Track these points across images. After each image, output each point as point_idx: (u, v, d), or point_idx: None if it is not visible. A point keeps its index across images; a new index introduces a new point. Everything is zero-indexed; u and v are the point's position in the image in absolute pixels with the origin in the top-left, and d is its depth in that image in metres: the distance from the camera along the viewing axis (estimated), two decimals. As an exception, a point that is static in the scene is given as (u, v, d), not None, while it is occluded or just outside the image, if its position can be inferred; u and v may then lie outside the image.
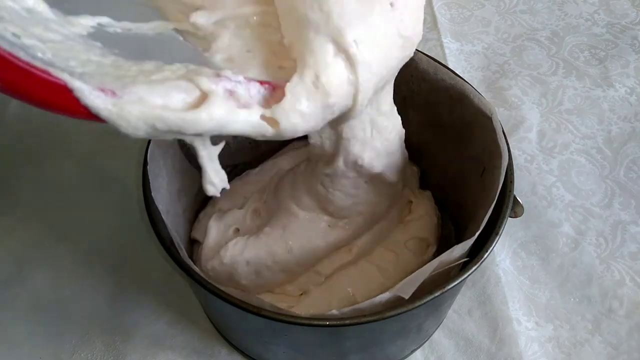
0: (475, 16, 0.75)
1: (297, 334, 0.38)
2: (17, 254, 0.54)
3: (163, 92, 0.24)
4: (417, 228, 0.48)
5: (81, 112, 0.22)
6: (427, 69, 0.46)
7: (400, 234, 0.48)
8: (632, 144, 0.62)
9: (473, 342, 0.49)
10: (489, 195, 0.39)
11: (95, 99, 0.22)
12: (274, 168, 0.52)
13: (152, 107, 0.24)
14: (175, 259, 0.36)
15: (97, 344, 0.48)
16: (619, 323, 0.50)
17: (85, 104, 0.22)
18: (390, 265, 0.46)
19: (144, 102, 0.23)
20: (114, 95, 0.23)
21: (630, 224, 0.56)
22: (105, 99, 0.22)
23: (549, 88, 0.67)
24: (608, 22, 0.74)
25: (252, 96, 0.27)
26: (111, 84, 0.23)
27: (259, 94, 0.27)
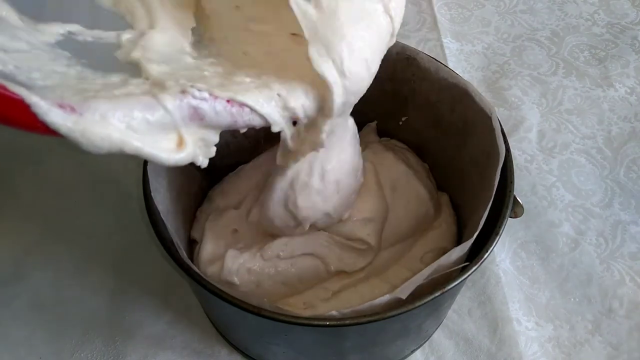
0: (475, 16, 0.75)
1: (297, 334, 0.38)
2: (17, 254, 0.54)
3: (125, 109, 0.23)
4: (437, 238, 0.48)
5: (39, 127, 0.22)
6: (428, 67, 0.45)
7: (419, 247, 0.47)
8: (632, 144, 0.62)
9: (473, 342, 0.49)
10: (487, 195, 0.39)
11: (53, 115, 0.22)
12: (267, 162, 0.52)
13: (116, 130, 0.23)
14: (176, 259, 0.36)
15: (97, 344, 0.48)
16: (619, 323, 0.50)
17: (43, 121, 0.21)
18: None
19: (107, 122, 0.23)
20: (73, 111, 0.22)
21: (630, 224, 0.56)
22: (65, 115, 0.22)
23: (549, 88, 0.67)
24: (608, 22, 0.74)
25: (218, 112, 0.26)
26: (71, 98, 0.22)
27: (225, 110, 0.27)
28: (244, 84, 0.28)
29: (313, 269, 0.44)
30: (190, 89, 0.26)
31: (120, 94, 0.24)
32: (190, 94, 0.26)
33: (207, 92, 0.26)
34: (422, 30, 0.73)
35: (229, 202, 0.50)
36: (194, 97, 0.26)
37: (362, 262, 0.45)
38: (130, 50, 0.28)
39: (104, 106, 0.23)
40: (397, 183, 0.48)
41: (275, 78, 0.29)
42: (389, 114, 0.52)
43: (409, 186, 0.48)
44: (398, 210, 0.47)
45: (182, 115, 0.25)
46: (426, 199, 0.48)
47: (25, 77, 0.23)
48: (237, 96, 0.27)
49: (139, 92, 0.25)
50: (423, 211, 0.47)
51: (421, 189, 0.48)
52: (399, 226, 0.47)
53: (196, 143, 0.27)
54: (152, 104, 0.24)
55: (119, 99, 0.24)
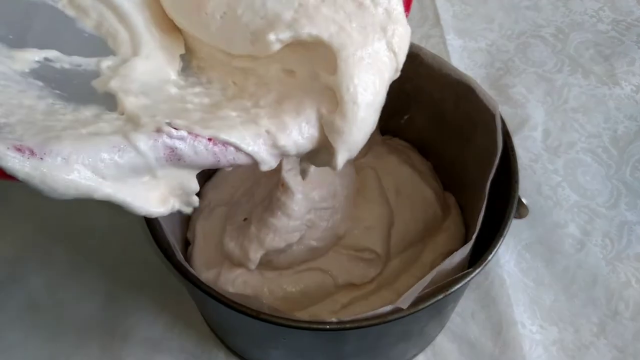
0: (478, 12, 0.74)
1: (297, 337, 0.37)
2: (12, 256, 0.53)
3: (91, 151, 0.22)
4: (446, 241, 0.47)
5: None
6: (432, 64, 0.45)
7: (429, 252, 0.47)
8: (638, 143, 0.61)
9: (476, 345, 0.48)
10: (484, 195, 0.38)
11: (10, 160, 0.20)
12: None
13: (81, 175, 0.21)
14: (172, 261, 0.35)
15: (93, 347, 0.48)
16: (625, 326, 0.49)
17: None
18: None
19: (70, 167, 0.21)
20: (32, 154, 0.20)
21: (637, 225, 0.55)
22: (22, 160, 0.20)
23: (554, 86, 0.66)
24: (613, 19, 0.73)
25: (198, 152, 0.24)
26: (32, 139, 0.21)
27: (207, 149, 0.24)
28: (229, 119, 0.26)
29: (319, 283, 0.44)
30: (167, 128, 0.24)
31: (88, 132, 0.22)
32: (166, 132, 0.23)
33: (185, 130, 0.24)
34: (425, 27, 0.72)
35: (220, 197, 0.49)
36: (170, 136, 0.24)
37: (372, 272, 0.44)
38: (109, 79, 0.26)
39: (67, 148, 0.21)
40: (401, 187, 0.47)
41: (265, 112, 0.27)
42: (392, 111, 0.51)
43: (414, 189, 0.48)
44: (404, 214, 0.46)
45: (156, 156, 0.23)
46: (433, 201, 0.47)
47: None
48: (220, 134, 0.25)
49: (109, 130, 0.23)
50: (431, 213, 0.47)
51: (427, 191, 0.47)
52: (407, 231, 0.46)
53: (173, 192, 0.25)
54: (122, 144, 0.22)
55: (85, 139, 0.22)
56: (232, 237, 0.43)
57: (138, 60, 0.27)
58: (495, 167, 0.38)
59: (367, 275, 0.44)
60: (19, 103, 0.23)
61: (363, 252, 0.44)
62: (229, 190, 0.49)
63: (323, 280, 0.44)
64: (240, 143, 0.25)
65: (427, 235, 0.47)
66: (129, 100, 0.25)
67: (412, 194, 0.47)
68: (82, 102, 0.25)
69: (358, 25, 0.27)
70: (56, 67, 0.26)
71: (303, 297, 0.43)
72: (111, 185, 0.23)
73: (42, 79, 0.25)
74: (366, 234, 0.44)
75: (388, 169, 0.48)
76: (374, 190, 0.46)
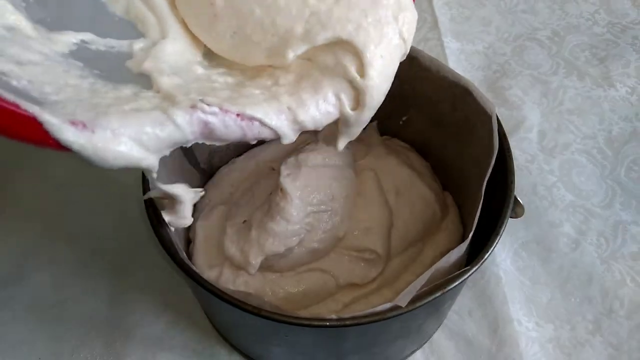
0: (475, 16, 0.75)
1: (298, 334, 0.37)
2: (16, 254, 0.54)
3: (136, 125, 0.24)
4: (445, 240, 0.47)
5: (52, 144, 0.22)
6: (429, 67, 0.45)
7: (429, 250, 0.47)
8: (633, 144, 0.62)
9: (473, 342, 0.49)
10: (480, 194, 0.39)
11: (66, 133, 0.22)
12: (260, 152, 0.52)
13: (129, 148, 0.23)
14: (175, 259, 0.36)
15: (97, 345, 0.48)
16: (620, 323, 0.50)
17: (55, 138, 0.22)
18: None
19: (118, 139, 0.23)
20: (84, 128, 0.22)
21: (631, 224, 0.55)
22: (76, 133, 0.22)
23: (550, 88, 0.67)
24: (609, 22, 0.74)
25: (228, 126, 0.26)
26: (84, 114, 0.22)
27: (235, 124, 0.27)
28: (253, 96, 0.28)
29: (321, 284, 0.44)
30: (200, 104, 0.26)
31: (131, 108, 0.24)
32: (200, 108, 0.25)
33: (217, 106, 0.26)
34: (423, 30, 0.73)
35: (220, 196, 0.49)
36: (203, 111, 0.26)
37: (374, 272, 0.44)
38: (142, 60, 0.28)
39: (115, 123, 0.23)
40: (401, 187, 0.48)
41: (284, 90, 0.29)
42: (390, 113, 0.52)
43: (414, 189, 0.48)
44: (404, 214, 0.47)
45: (192, 130, 0.25)
46: (432, 201, 0.48)
47: (38, 92, 0.23)
48: (247, 110, 0.27)
49: (149, 106, 0.25)
50: (430, 213, 0.47)
51: (426, 191, 0.48)
52: (407, 231, 0.46)
53: None
54: (162, 119, 0.24)
55: (129, 114, 0.24)
56: (233, 241, 0.44)
57: (167, 43, 0.29)
58: (491, 168, 0.39)
59: (368, 276, 0.44)
60: (65, 82, 0.24)
61: (364, 253, 0.44)
62: (229, 189, 0.50)
63: (324, 281, 0.44)
64: (265, 118, 0.27)
65: (426, 235, 0.47)
66: (163, 80, 0.27)
67: (411, 194, 0.48)
68: (120, 82, 0.26)
69: (373, 19, 0.29)
70: (92, 49, 0.28)
71: (304, 298, 0.44)
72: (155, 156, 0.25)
73: (81, 59, 0.26)
74: (366, 234, 0.45)
75: (387, 170, 0.49)
76: (373, 191, 0.47)
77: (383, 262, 0.45)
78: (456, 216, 0.49)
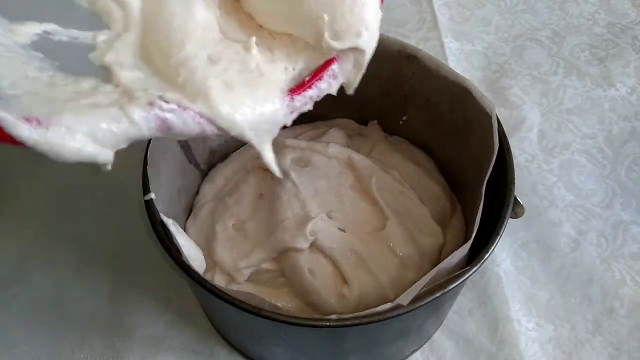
0: (475, 16, 0.75)
1: (297, 334, 0.37)
2: (16, 254, 0.54)
3: (92, 121, 0.24)
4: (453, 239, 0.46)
5: (7, 139, 0.22)
6: (429, 66, 0.45)
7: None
8: (632, 143, 0.62)
9: (473, 342, 0.49)
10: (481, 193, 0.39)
11: (20, 129, 0.22)
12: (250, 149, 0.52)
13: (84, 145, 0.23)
14: (175, 259, 0.36)
15: (96, 345, 0.48)
16: (620, 323, 0.50)
17: (9, 134, 0.22)
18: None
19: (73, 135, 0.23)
20: (39, 124, 0.22)
21: (631, 224, 0.55)
22: (31, 129, 0.22)
23: (550, 88, 0.67)
24: (609, 22, 0.74)
25: (186, 123, 0.26)
26: (39, 110, 0.23)
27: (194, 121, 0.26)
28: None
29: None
30: (158, 101, 0.25)
31: (88, 104, 0.24)
32: (158, 106, 0.25)
33: (175, 103, 0.26)
34: (422, 30, 0.73)
35: (212, 191, 0.49)
36: (161, 109, 0.25)
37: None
38: (105, 52, 0.28)
39: (70, 119, 0.23)
40: (408, 183, 0.48)
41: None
42: (389, 113, 0.52)
43: (422, 184, 0.48)
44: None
45: (149, 126, 0.25)
46: (441, 196, 0.47)
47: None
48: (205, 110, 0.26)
49: (106, 102, 0.25)
50: (440, 208, 0.47)
51: (434, 186, 0.48)
52: None
53: None
54: (118, 116, 0.24)
55: (85, 110, 0.24)
56: (224, 248, 0.43)
57: (130, 35, 0.29)
58: (491, 168, 0.39)
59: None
60: (24, 74, 0.24)
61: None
62: (222, 181, 0.49)
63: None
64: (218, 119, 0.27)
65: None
66: (123, 74, 0.27)
67: (419, 189, 0.47)
68: (80, 74, 0.26)
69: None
70: (54, 40, 0.27)
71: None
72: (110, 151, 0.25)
73: (42, 50, 0.26)
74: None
75: (393, 166, 0.49)
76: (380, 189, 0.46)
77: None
78: (461, 214, 0.49)
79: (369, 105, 0.51)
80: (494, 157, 0.39)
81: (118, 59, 0.27)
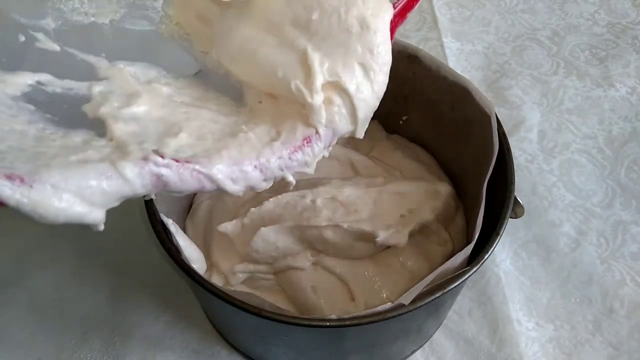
0: (475, 16, 0.75)
1: (298, 334, 0.37)
2: (16, 254, 0.54)
3: (80, 179, 0.22)
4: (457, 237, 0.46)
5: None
6: (429, 66, 0.45)
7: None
8: (632, 143, 0.62)
9: (473, 342, 0.49)
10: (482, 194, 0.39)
11: (1, 187, 0.20)
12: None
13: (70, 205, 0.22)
14: (175, 259, 0.36)
15: (96, 345, 0.48)
16: (620, 323, 0.50)
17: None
18: None
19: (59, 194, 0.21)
20: (22, 182, 0.21)
21: (631, 224, 0.55)
22: (13, 188, 0.20)
23: (550, 88, 0.67)
24: (609, 22, 0.74)
25: (184, 179, 0.25)
26: (23, 167, 0.21)
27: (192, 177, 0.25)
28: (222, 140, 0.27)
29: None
30: (153, 156, 0.24)
31: (77, 160, 0.23)
32: (153, 161, 0.24)
33: (172, 158, 0.24)
34: (423, 30, 0.73)
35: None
36: (156, 164, 0.24)
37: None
38: (100, 104, 0.26)
39: (55, 176, 0.21)
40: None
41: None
42: (390, 112, 0.52)
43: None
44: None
45: (143, 183, 0.24)
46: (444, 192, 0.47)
47: None
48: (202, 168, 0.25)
49: (97, 158, 0.23)
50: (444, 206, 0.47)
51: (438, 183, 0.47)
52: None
53: None
54: (109, 172, 0.23)
55: (74, 166, 0.22)
56: (220, 249, 0.43)
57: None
58: (492, 168, 0.39)
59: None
60: (10, 129, 0.23)
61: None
62: None
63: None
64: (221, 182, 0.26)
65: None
66: (118, 127, 0.25)
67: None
68: (72, 127, 0.25)
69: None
70: (48, 91, 0.26)
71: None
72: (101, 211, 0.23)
73: (33, 102, 0.25)
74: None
75: (395, 164, 0.48)
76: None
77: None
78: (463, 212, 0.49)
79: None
80: (494, 158, 0.39)
81: (112, 111, 0.26)
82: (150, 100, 0.28)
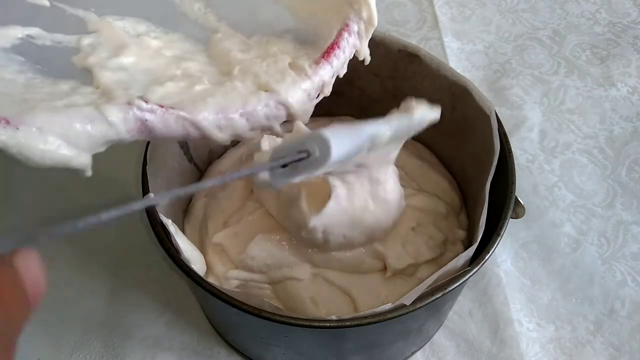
0: (476, 15, 0.75)
1: (298, 335, 0.37)
2: (15, 254, 0.53)
3: (65, 121, 0.22)
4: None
5: None
6: (430, 65, 0.45)
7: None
8: (634, 143, 0.62)
9: (474, 343, 0.48)
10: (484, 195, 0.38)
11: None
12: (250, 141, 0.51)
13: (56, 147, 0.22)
14: (175, 259, 0.36)
15: (96, 345, 0.48)
16: (621, 324, 0.50)
17: None
18: None
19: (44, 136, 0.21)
20: (7, 124, 0.21)
21: (632, 224, 0.55)
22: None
23: (551, 87, 0.67)
24: (610, 21, 0.74)
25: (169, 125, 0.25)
26: (9, 110, 0.21)
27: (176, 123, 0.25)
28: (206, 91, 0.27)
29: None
30: (138, 101, 0.24)
31: (63, 104, 0.23)
32: (137, 105, 0.24)
33: (156, 103, 0.24)
34: (423, 29, 0.73)
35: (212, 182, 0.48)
36: (140, 109, 0.24)
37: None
38: (88, 54, 0.27)
39: (41, 119, 0.22)
40: (414, 178, 0.47)
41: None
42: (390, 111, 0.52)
43: (428, 179, 0.47)
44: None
45: (127, 127, 0.24)
46: (447, 188, 0.47)
47: None
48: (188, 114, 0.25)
49: (82, 102, 0.23)
50: (448, 201, 0.46)
51: (440, 179, 0.47)
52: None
53: None
54: (94, 116, 0.23)
55: (59, 110, 0.22)
56: (215, 251, 0.43)
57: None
58: (493, 169, 0.39)
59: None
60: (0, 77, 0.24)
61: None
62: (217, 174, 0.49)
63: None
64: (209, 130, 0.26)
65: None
66: (104, 75, 0.26)
67: (426, 183, 0.47)
68: (60, 77, 0.25)
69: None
70: (38, 44, 0.27)
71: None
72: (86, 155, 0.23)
73: (23, 54, 0.26)
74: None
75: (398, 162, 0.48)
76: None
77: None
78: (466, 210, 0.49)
79: (370, 104, 0.51)
80: (496, 158, 0.39)
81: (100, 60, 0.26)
82: (138, 52, 0.28)
